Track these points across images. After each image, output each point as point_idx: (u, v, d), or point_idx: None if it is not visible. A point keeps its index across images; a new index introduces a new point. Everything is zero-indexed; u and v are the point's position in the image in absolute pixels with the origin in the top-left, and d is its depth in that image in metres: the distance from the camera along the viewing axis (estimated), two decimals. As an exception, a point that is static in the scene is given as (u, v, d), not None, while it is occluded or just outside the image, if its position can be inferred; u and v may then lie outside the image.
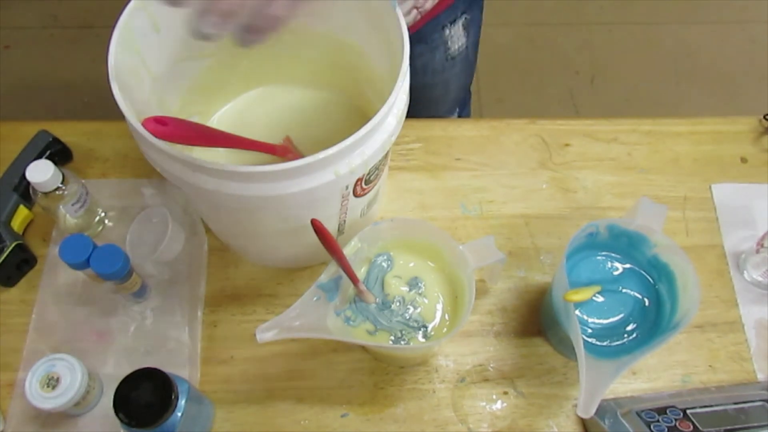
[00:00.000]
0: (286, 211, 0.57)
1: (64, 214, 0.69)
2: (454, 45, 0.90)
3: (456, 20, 0.87)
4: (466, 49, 0.93)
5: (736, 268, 0.75)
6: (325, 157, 0.50)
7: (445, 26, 0.87)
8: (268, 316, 0.70)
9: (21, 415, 0.65)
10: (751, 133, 0.84)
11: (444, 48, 0.90)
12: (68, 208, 0.68)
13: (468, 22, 0.89)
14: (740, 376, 0.69)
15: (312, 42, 0.68)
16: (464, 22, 0.88)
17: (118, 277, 0.63)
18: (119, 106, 0.52)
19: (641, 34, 1.93)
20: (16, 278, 0.71)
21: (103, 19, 1.86)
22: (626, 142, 0.83)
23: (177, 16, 0.60)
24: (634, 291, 0.65)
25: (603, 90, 1.84)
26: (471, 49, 0.96)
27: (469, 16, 0.89)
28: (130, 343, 0.69)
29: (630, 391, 0.68)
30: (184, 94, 0.67)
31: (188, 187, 0.53)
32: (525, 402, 0.67)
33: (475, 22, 0.92)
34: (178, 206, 0.75)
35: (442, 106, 1.03)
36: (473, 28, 0.92)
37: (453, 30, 0.88)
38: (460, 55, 0.93)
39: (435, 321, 0.61)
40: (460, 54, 0.93)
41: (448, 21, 0.86)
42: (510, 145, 0.82)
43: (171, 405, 0.54)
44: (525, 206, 0.78)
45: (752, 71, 1.86)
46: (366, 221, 0.68)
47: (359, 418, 0.66)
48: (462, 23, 0.88)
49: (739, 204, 0.79)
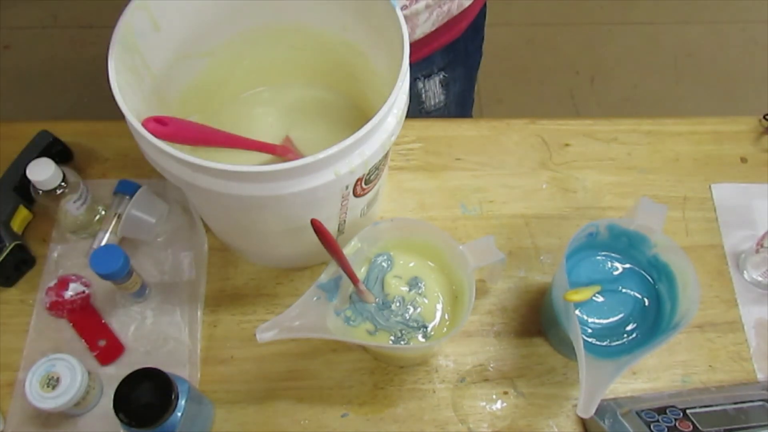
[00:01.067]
0: (286, 211, 0.57)
1: (65, 212, 0.69)
2: (429, 101, 0.87)
3: (432, 75, 0.84)
4: (444, 107, 0.89)
5: (736, 268, 0.75)
6: (325, 157, 0.50)
7: (418, 78, 0.83)
8: (268, 316, 0.70)
9: (21, 415, 0.65)
10: (751, 133, 0.84)
11: (417, 101, 0.86)
12: (69, 205, 0.68)
13: (447, 80, 0.85)
14: (740, 376, 0.69)
15: (312, 42, 0.68)
16: (442, 80, 0.85)
17: (118, 277, 0.63)
18: (119, 106, 0.52)
19: (641, 34, 1.93)
20: (14, 278, 0.71)
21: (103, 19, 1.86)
22: (626, 142, 0.83)
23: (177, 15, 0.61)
24: (634, 291, 0.65)
25: (603, 90, 1.84)
26: (453, 108, 0.92)
27: (449, 75, 0.85)
28: (130, 343, 0.69)
29: (630, 391, 0.68)
30: (185, 94, 0.67)
31: (188, 187, 0.53)
32: (525, 402, 0.67)
33: (458, 81, 0.87)
34: (178, 206, 0.75)
35: None
36: (456, 87, 0.88)
37: (428, 85, 0.84)
38: (438, 112, 0.89)
39: (435, 321, 0.61)
40: (437, 111, 0.89)
41: (421, 74, 0.83)
42: (510, 145, 0.82)
43: (171, 405, 0.54)
44: (525, 206, 0.78)
45: (752, 71, 1.86)
46: (366, 221, 0.68)
47: (359, 418, 0.66)
48: (440, 80, 0.85)
49: (739, 204, 0.79)
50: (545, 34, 1.92)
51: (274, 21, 0.67)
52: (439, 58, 0.83)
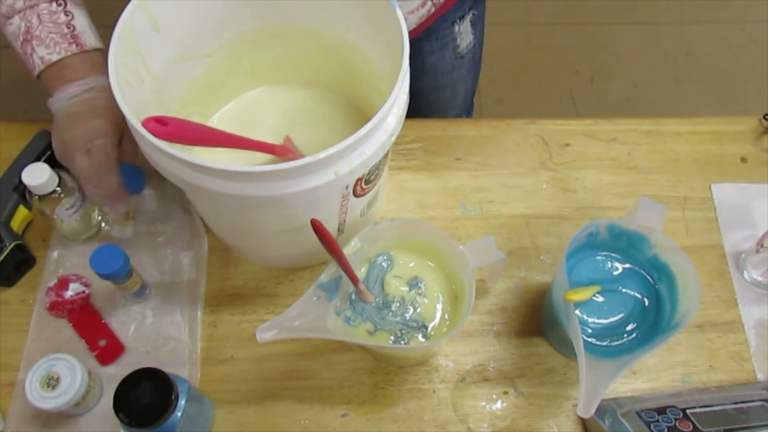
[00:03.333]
0: (286, 211, 0.57)
1: (60, 219, 0.69)
2: (462, 42, 0.90)
3: (464, 16, 0.86)
4: (473, 47, 0.92)
5: (736, 268, 0.75)
6: (325, 157, 0.50)
7: (455, 22, 0.86)
8: (268, 316, 0.70)
9: (21, 415, 0.65)
10: (751, 133, 0.84)
11: (453, 45, 0.89)
12: (62, 213, 0.67)
13: (475, 19, 0.89)
14: (740, 376, 0.69)
15: (312, 42, 0.68)
16: (472, 18, 0.88)
17: (118, 277, 0.63)
18: (119, 106, 0.52)
19: (641, 34, 1.93)
20: (14, 279, 0.71)
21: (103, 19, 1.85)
22: (626, 142, 0.83)
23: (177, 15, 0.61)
24: (634, 291, 0.65)
25: (603, 90, 1.84)
26: (478, 48, 0.95)
27: (476, 12, 0.88)
28: (130, 343, 0.69)
29: (630, 391, 0.68)
30: (184, 94, 0.67)
31: (188, 187, 0.53)
32: (525, 402, 0.67)
33: (480, 19, 0.91)
34: (178, 206, 0.75)
35: (451, 112, 1.02)
36: (479, 26, 0.92)
37: (462, 26, 0.87)
38: (469, 53, 0.92)
39: (435, 321, 0.61)
40: (468, 52, 0.92)
41: (457, 17, 0.86)
42: (510, 145, 0.82)
43: (171, 405, 0.54)
44: (525, 206, 0.78)
45: (752, 71, 1.86)
46: (366, 221, 0.68)
47: (359, 418, 0.66)
48: (470, 19, 0.88)
49: (739, 204, 0.79)
50: (545, 34, 1.92)
51: (274, 21, 0.67)
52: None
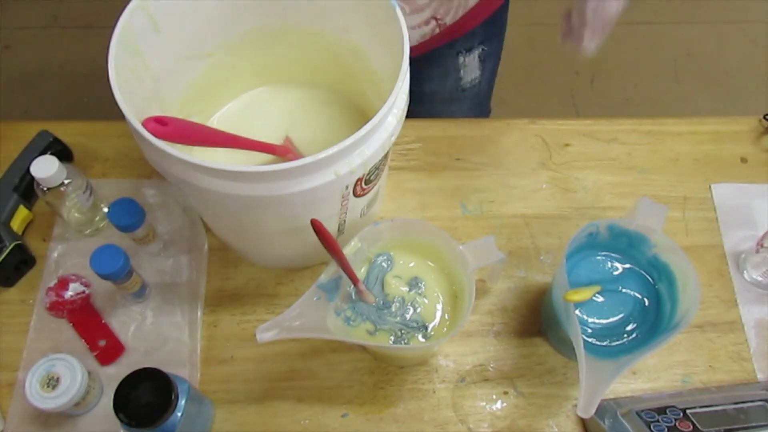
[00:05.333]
0: (286, 211, 0.57)
1: (69, 209, 0.69)
2: (467, 76, 0.87)
3: (472, 49, 0.84)
4: (478, 84, 0.90)
5: (736, 268, 0.75)
6: (325, 157, 0.50)
7: (460, 53, 0.84)
8: (268, 316, 0.70)
9: (21, 415, 0.65)
10: (751, 133, 0.84)
11: (456, 77, 0.87)
12: (80, 196, 0.68)
13: (485, 55, 0.86)
14: (740, 376, 0.69)
15: (312, 42, 0.68)
16: (480, 54, 0.85)
17: (118, 277, 0.63)
18: (119, 106, 0.52)
19: (641, 34, 1.93)
20: (14, 279, 0.71)
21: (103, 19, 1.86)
22: (626, 142, 0.83)
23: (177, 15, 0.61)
24: (634, 291, 0.65)
25: (603, 90, 1.84)
26: (485, 86, 0.92)
27: (487, 49, 0.86)
28: (130, 343, 0.69)
29: (630, 391, 0.68)
30: (185, 94, 0.67)
31: (188, 187, 0.53)
32: (525, 402, 0.67)
33: (491, 57, 0.88)
34: (178, 206, 0.75)
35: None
36: (489, 64, 0.89)
37: (468, 59, 0.85)
38: (473, 89, 0.89)
39: (435, 321, 0.61)
40: (472, 88, 0.89)
41: (464, 48, 0.84)
42: (510, 145, 0.82)
43: (171, 405, 0.54)
44: (525, 206, 0.78)
45: (752, 71, 1.86)
46: (366, 221, 0.68)
47: (359, 418, 0.66)
48: (478, 54, 0.85)
49: (739, 204, 0.79)
50: (545, 34, 1.92)
51: (274, 21, 0.67)
52: (481, 30, 0.83)
